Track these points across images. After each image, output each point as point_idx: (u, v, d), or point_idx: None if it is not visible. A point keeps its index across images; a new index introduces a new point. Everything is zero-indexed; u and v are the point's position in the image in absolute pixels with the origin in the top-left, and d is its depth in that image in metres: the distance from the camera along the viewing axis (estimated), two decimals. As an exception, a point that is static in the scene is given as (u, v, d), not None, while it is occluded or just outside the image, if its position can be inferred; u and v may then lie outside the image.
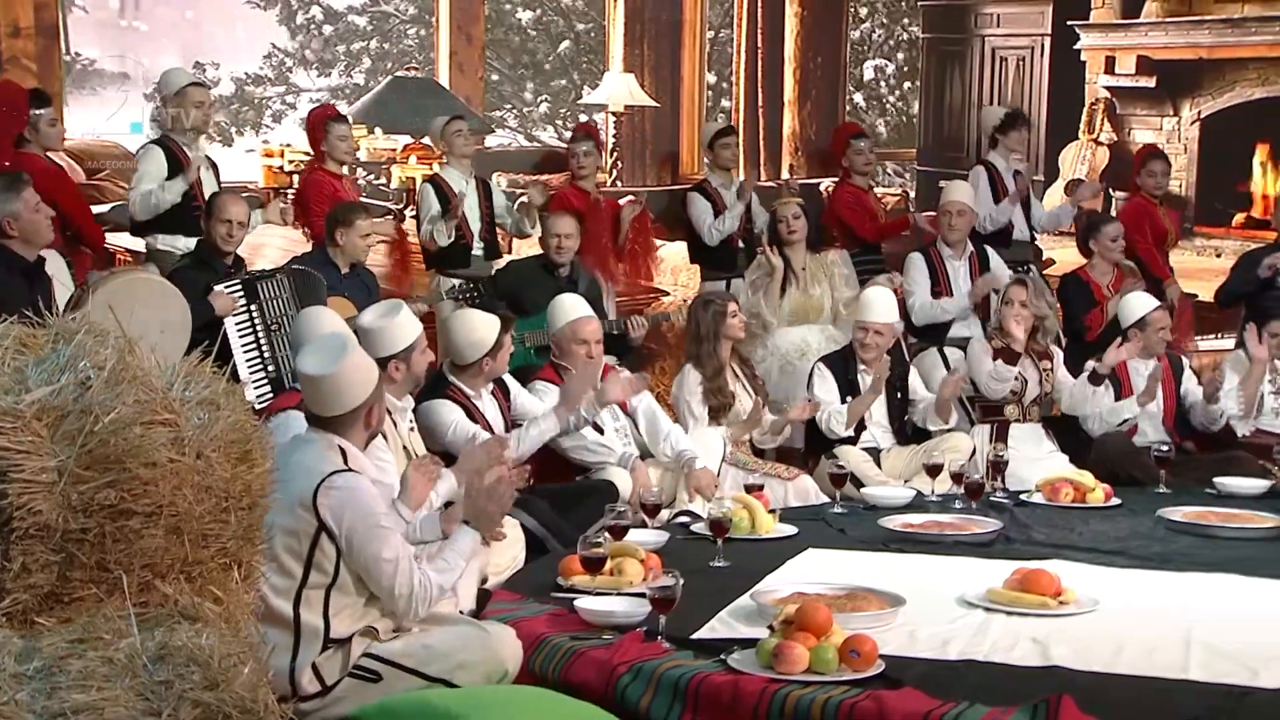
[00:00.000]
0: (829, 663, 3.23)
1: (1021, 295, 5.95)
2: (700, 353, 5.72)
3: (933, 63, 12.87)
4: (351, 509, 3.36)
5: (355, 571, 3.39)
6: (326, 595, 3.39)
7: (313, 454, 3.44)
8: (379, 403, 3.58)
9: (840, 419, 5.73)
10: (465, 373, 5.01)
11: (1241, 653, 3.41)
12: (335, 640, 3.40)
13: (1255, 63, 10.46)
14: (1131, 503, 5.14)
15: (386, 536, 3.39)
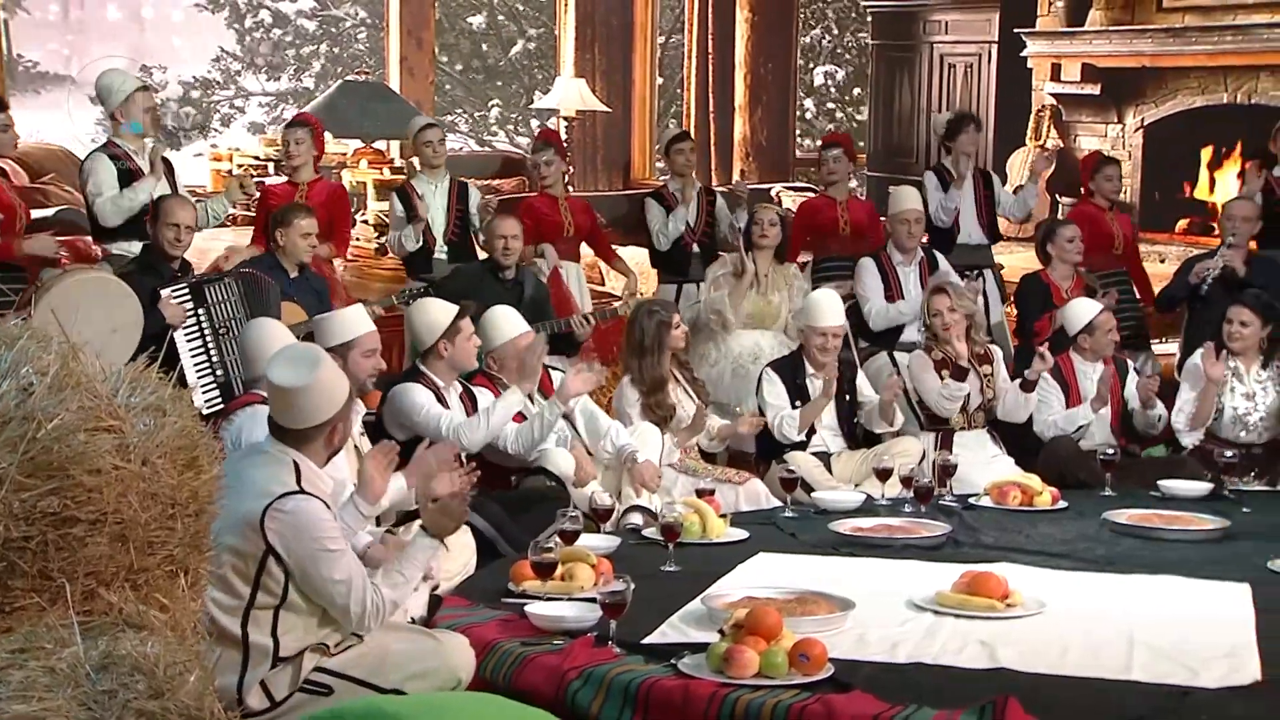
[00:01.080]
0: (779, 667, 3.24)
1: (946, 303, 5.98)
2: (641, 365, 5.68)
3: (882, 69, 12.98)
4: (300, 533, 3.30)
5: (306, 592, 3.37)
6: (275, 614, 3.35)
7: (264, 472, 3.37)
8: (345, 420, 3.52)
9: (792, 424, 5.76)
10: (430, 360, 5.07)
11: (1182, 653, 3.45)
12: (284, 658, 3.37)
13: (1196, 71, 10.63)
14: (1078, 506, 5.18)
15: (336, 559, 3.34)
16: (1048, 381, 6.01)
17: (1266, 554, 4.34)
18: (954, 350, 5.93)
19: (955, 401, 5.89)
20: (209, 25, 15.92)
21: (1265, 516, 4.96)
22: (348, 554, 3.41)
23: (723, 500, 5.12)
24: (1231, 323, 5.92)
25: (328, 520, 3.38)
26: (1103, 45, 11.06)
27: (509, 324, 5.41)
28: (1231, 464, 5.39)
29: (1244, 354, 5.91)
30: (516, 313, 5.51)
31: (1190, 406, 5.91)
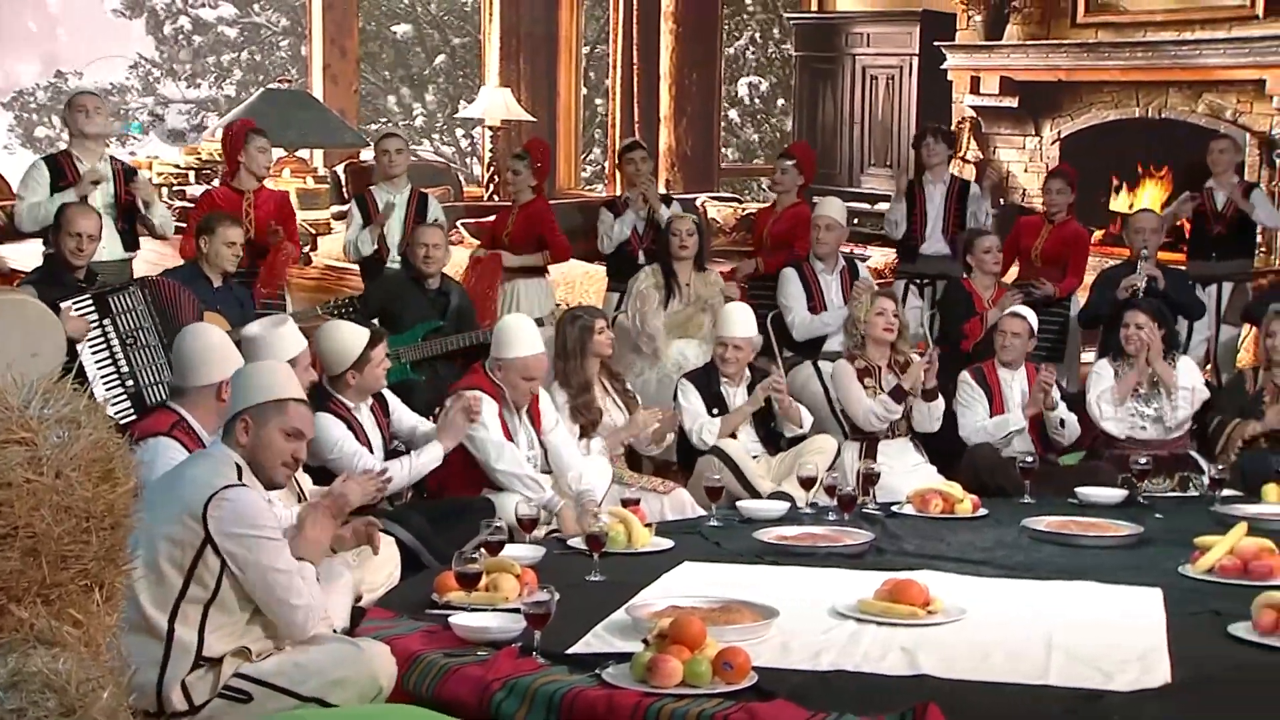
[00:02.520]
0: (702, 675, 3.24)
1: (892, 306, 6.06)
2: (566, 369, 5.70)
3: (805, 80, 13.08)
4: (244, 520, 3.31)
5: (242, 587, 3.34)
6: (205, 611, 3.33)
7: (208, 468, 3.41)
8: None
9: (712, 431, 5.79)
10: (338, 384, 4.97)
11: (1098, 657, 3.50)
12: (206, 659, 3.34)
13: (1109, 86, 10.84)
14: (997, 513, 5.24)
15: (280, 549, 3.35)
16: (971, 386, 6.10)
17: (1178, 559, 4.43)
18: (885, 360, 5.98)
19: (884, 422, 5.94)
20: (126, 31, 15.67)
21: (1176, 522, 5.05)
22: (288, 548, 3.41)
23: (648, 509, 5.12)
24: (1129, 326, 6.06)
25: (269, 512, 3.40)
26: (1020, 59, 11.24)
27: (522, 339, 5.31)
28: (1145, 470, 5.50)
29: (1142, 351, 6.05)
30: (535, 329, 5.42)
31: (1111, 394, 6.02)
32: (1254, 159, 9.99)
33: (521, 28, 12.70)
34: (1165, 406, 6.04)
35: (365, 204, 7.06)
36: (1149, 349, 6.01)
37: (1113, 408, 6.04)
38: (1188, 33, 10.30)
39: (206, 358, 4.22)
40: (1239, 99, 10.12)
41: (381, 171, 7.21)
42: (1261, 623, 3.62)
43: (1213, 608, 3.91)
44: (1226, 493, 5.42)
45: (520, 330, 5.36)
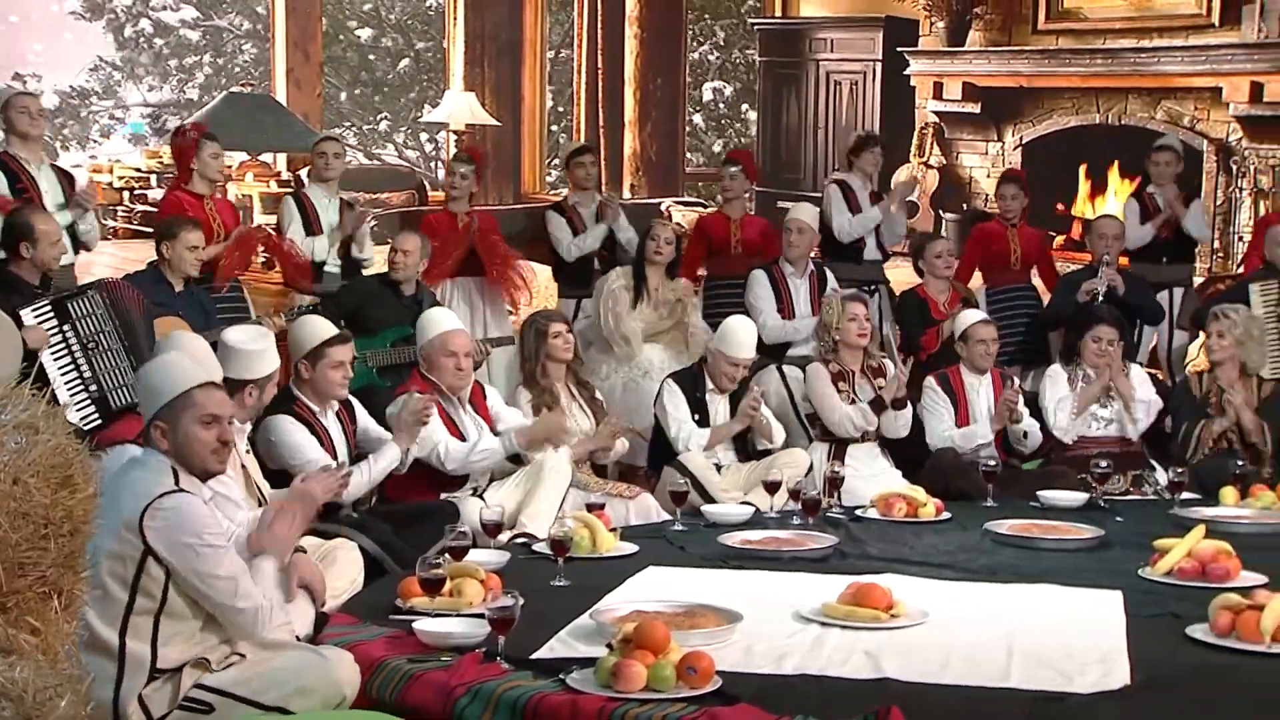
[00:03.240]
0: (666, 680, 3.25)
1: (864, 310, 6.08)
2: (529, 372, 5.74)
3: (769, 86, 13.13)
4: (180, 529, 3.26)
5: (189, 594, 3.30)
6: (155, 621, 3.29)
7: (142, 477, 3.33)
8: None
9: (700, 442, 5.78)
10: (299, 382, 4.96)
11: (1058, 659, 3.52)
12: (162, 670, 3.30)
13: (1069, 92, 10.93)
14: (960, 517, 5.27)
15: (220, 555, 3.30)
16: (936, 393, 6.12)
17: (1137, 561, 4.46)
18: (858, 364, 6.00)
19: (859, 430, 5.96)
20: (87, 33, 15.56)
21: (1136, 525, 5.09)
22: (231, 552, 3.35)
23: (613, 514, 5.13)
24: (1100, 341, 6.10)
25: (208, 517, 3.33)
26: (982, 65, 11.32)
27: (437, 320, 5.41)
28: (1106, 474, 5.54)
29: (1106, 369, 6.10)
30: (450, 311, 5.55)
31: (1070, 404, 6.07)
32: (1212, 165, 10.10)
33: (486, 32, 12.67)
34: (1123, 413, 6.09)
35: (302, 205, 7.03)
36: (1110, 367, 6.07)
37: (1068, 418, 6.08)
38: (1146, 40, 10.40)
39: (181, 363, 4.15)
40: (1196, 106, 10.23)
41: (317, 174, 7.17)
42: (1218, 624, 3.65)
43: (1171, 610, 3.94)
44: (1185, 496, 5.47)
45: (434, 314, 5.50)
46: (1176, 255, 7.62)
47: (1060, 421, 6.09)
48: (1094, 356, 6.11)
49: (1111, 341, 6.11)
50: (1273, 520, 5.10)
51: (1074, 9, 10.83)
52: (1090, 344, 6.12)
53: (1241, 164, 9.80)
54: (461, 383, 5.35)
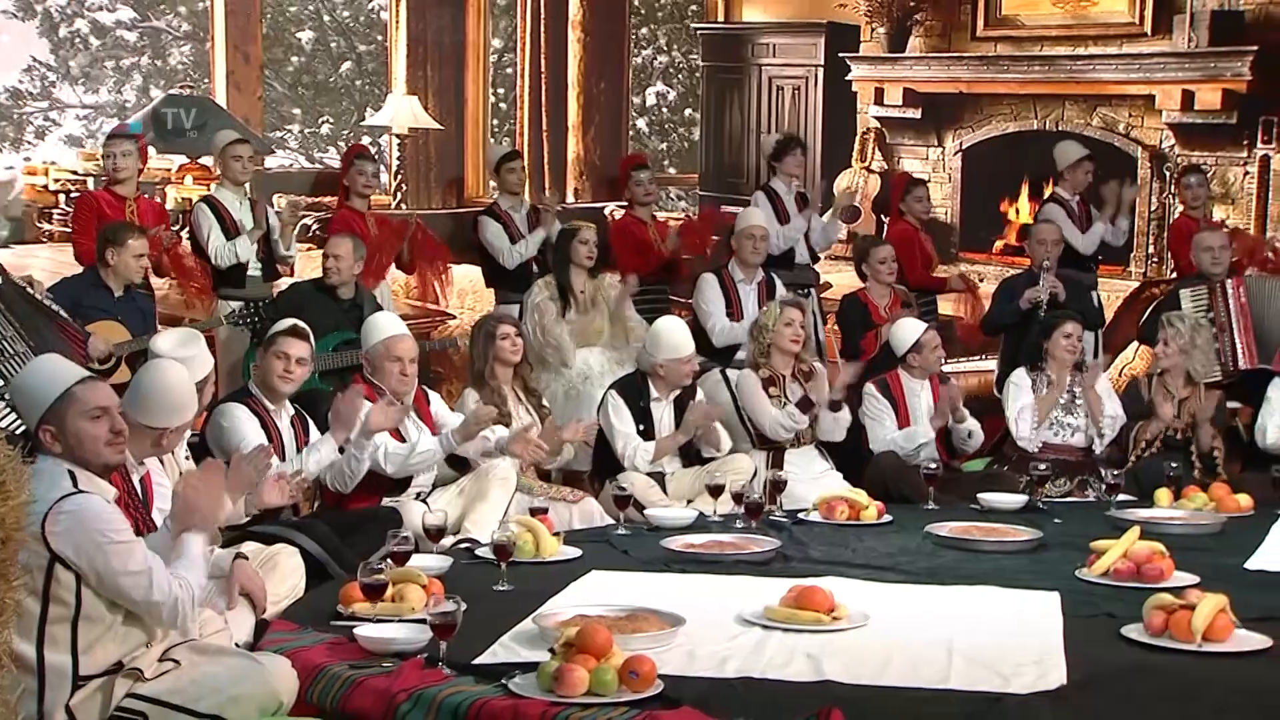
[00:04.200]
0: (608, 684, 3.25)
1: (800, 316, 6.12)
2: (476, 374, 5.78)
3: (712, 90, 13.15)
4: (84, 530, 3.20)
5: (103, 595, 3.24)
6: (73, 628, 3.23)
7: (38, 484, 3.20)
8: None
9: (646, 456, 5.79)
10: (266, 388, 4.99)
11: (996, 661, 3.56)
12: (87, 678, 3.25)
13: (1008, 98, 11.05)
14: (902, 519, 5.32)
15: (129, 550, 3.24)
16: (876, 398, 6.17)
17: (1075, 562, 4.52)
18: (789, 369, 6.04)
19: (791, 432, 5.99)
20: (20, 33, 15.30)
21: (1074, 527, 5.16)
22: (140, 546, 3.29)
23: (556, 518, 5.13)
24: (1070, 337, 6.19)
25: (112, 514, 3.28)
26: (922, 71, 11.41)
27: (383, 325, 5.42)
28: (1045, 476, 5.61)
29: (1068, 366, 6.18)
30: (396, 316, 5.57)
31: (1030, 413, 6.13)
32: (1146, 171, 10.24)
33: (429, 35, 12.61)
34: (1090, 425, 6.17)
35: (216, 209, 6.99)
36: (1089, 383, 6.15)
37: (1030, 426, 6.14)
38: (1081, 48, 10.53)
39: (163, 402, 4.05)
40: (1131, 113, 10.38)
41: (232, 177, 7.13)
42: (1152, 624, 3.71)
43: (1107, 610, 4.00)
44: (1122, 497, 5.56)
45: (379, 318, 5.52)
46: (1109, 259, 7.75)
47: (1022, 431, 6.15)
48: (1066, 353, 6.19)
49: (1081, 336, 6.22)
50: (1205, 521, 5.19)
51: (1011, 16, 10.94)
52: (1061, 341, 6.19)
53: (1174, 170, 9.96)
54: (405, 388, 5.34)
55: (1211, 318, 6.71)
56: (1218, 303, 6.78)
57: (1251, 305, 6.76)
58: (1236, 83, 9.67)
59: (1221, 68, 9.74)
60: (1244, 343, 6.73)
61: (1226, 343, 6.69)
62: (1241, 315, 6.74)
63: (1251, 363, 6.70)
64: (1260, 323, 6.75)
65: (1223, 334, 6.68)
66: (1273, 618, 3.88)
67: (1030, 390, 6.21)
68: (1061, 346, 6.18)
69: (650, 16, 15.45)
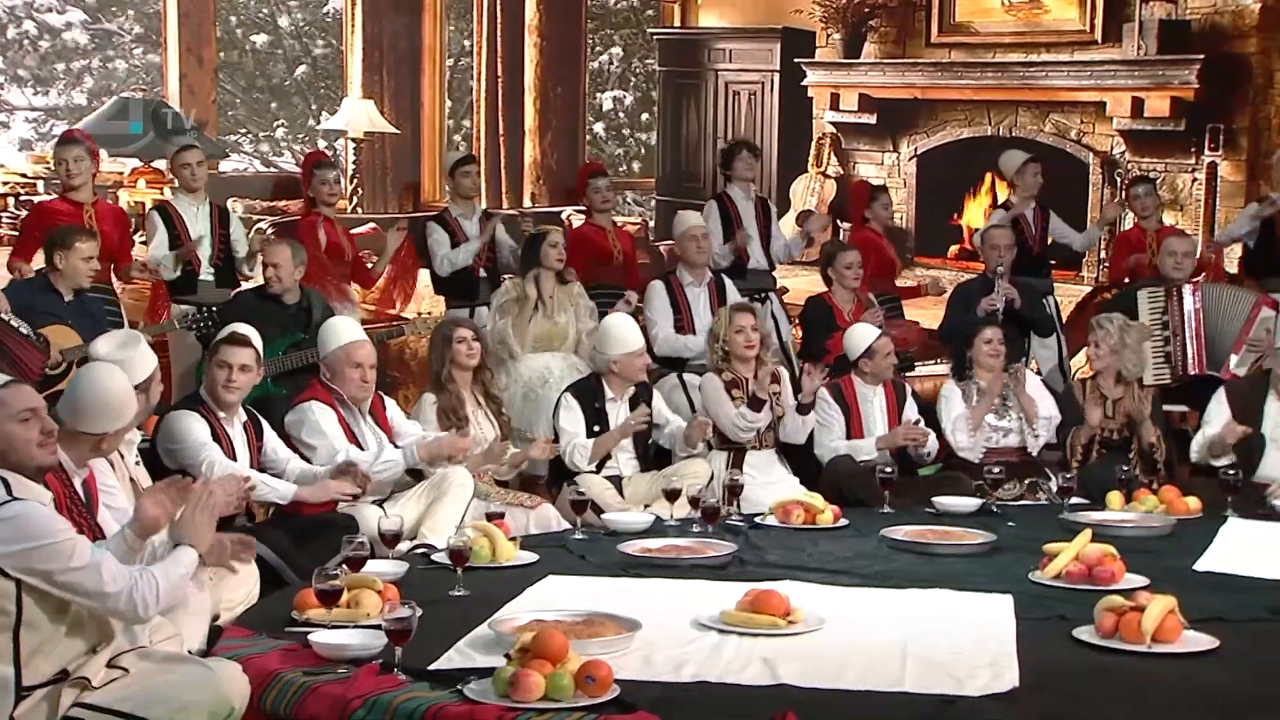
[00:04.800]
0: (564, 689, 3.25)
1: (750, 321, 6.14)
2: (435, 377, 5.78)
3: (669, 95, 13.19)
4: (24, 537, 3.15)
5: (46, 600, 3.19)
6: (15, 637, 3.18)
7: None
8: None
9: (584, 453, 5.79)
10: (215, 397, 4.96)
11: (950, 663, 3.59)
12: (31, 687, 3.21)
13: (962, 104, 11.14)
14: (857, 523, 5.33)
15: (72, 547, 3.19)
16: (828, 404, 6.19)
17: (1027, 565, 4.56)
18: (751, 372, 6.06)
19: (749, 431, 6.02)
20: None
21: (1027, 530, 5.19)
22: (83, 541, 3.25)
23: (513, 524, 5.13)
24: (990, 342, 6.26)
25: (49, 517, 3.24)
26: (877, 77, 11.49)
27: (341, 331, 5.40)
28: (999, 480, 5.66)
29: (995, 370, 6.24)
30: (354, 321, 5.56)
31: (965, 422, 6.19)
32: (1097, 177, 10.36)
33: (384, 39, 12.58)
34: (1024, 426, 6.22)
35: (168, 216, 6.96)
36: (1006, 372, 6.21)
37: (967, 436, 6.19)
38: (1034, 55, 10.64)
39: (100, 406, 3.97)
40: (1082, 119, 10.49)
41: (184, 184, 7.09)
42: (1103, 626, 3.75)
43: (1059, 612, 4.03)
44: (1074, 501, 5.61)
45: (337, 324, 5.50)
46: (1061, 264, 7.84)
47: (961, 442, 6.19)
48: (988, 358, 6.25)
49: (1001, 340, 6.27)
50: (1155, 524, 5.25)
51: (965, 23, 11.04)
52: (982, 347, 6.26)
53: (1125, 176, 10.07)
54: (365, 394, 5.33)
55: (1165, 321, 6.78)
56: (1173, 307, 6.86)
57: (1206, 312, 6.84)
58: (1184, 90, 9.80)
59: (1169, 76, 9.86)
60: (1195, 349, 6.81)
61: (1178, 347, 6.76)
62: (1195, 321, 6.82)
63: (1200, 370, 6.79)
64: (1214, 330, 6.84)
65: (1175, 338, 6.75)
66: (1220, 619, 3.94)
67: (960, 400, 6.25)
68: (984, 353, 6.25)
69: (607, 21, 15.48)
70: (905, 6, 11.27)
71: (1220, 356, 6.76)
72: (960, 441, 6.18)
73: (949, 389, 6.37)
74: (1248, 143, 9.67)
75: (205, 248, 6.93)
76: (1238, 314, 6.84)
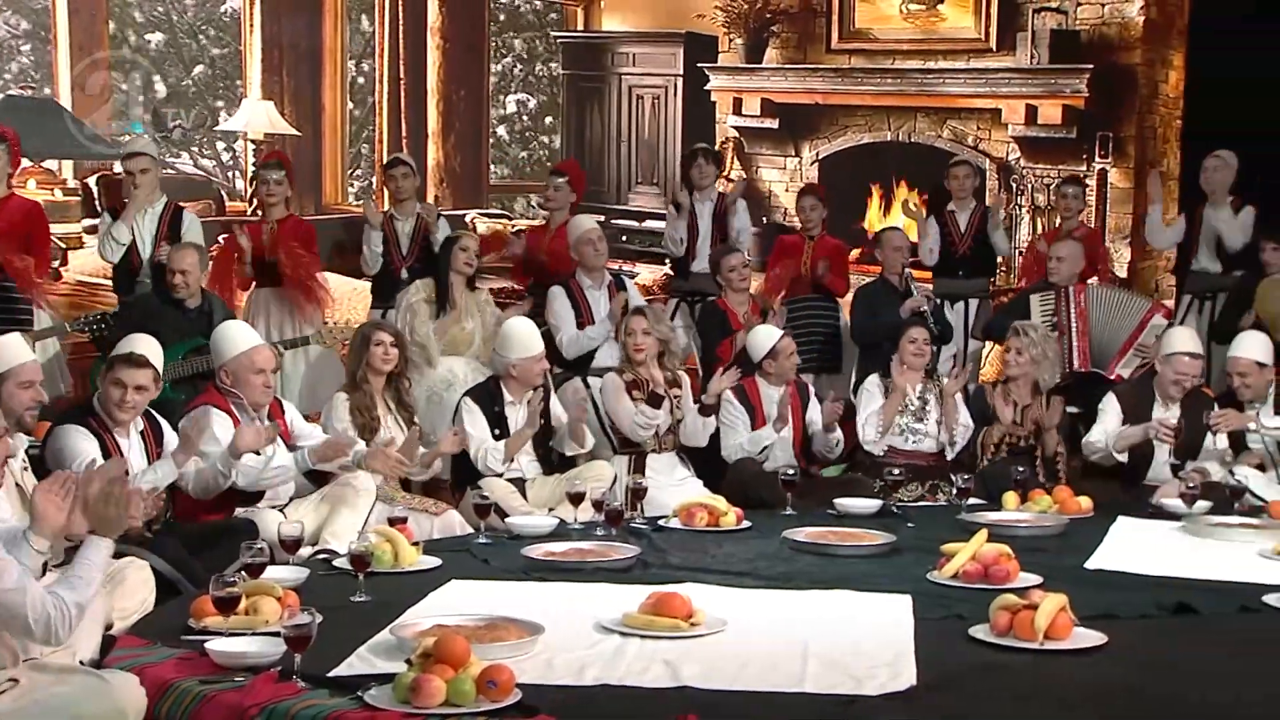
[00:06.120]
0: (466, 694, 3.24)
1: (642, 324, 6.16)
2: (351, 376, 5.76)
3: (572, 99, 13.19)
4: None
5: None
6: None
7: None
8: None
9: (497, 456, 5.77)
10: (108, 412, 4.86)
11: (850, 663, 3.62)
12: None
13: (862, 110, 11.29)
14: (760, 525, 5.37)
15: (2, 568, 3.17)
16: (733, 405, 6.24)
17: (926, 565, 4.62)
18: (647, 373, 6.09)
19: (648, 429, 6.04)
20: None
21: (926, 530, 5.27)
22: (13, 563, 3.21)
23: (417, 529, 5.10)
24: (915, 341, 6.36)
25: None
26: (779, 82, 11.59)
27: (239, 337, 5.32)
28: (899, 481, 5.74)
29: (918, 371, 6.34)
30: (248, 326, 5.52)
31: (876, 418, 6.28)
32: (994, 183, 10.55)
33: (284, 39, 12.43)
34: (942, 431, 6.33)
35: (114, 207, 6.87)
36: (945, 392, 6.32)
37: (876, 431, 6.28)
38: (932, 62, 10.81)
39: None
40: (979, 126, 10.69)
41: (128, 190, 6.99)
42: (997, 624, 3.82)
43: (956, 611, 4.10)
44: (971, 501, 5.70)
45: (234, 330, 5.45)
46: (976, 268, 7.98)
47: (868, 435, 6.28)
48: (913, 357, 6.36)
49: (926, 341, 6.39)
50: (1048, 523, 5.36)
51: (865, 30, 11.17)
52: (908, 346, 6.36)
53: (1020, 182, 10.28)
54: (266, 399, 5.29)
55: (1055, 322, 6.94)
56: (1060, 308, 7.04)
57: (1090, 312, 7.02)
58: (1075, 99, 10.03)
59: (1061, 84, 10.10)
60: (1080, 347, 7.00)
61: (1065, 345, 6.95)
62: (1080, 320, 7.01)
63: (1085, 366, 6.99)
64: (1100, 330, 7.03)
65: (1063, 337, 6.93)
66: (1109, 615, 4.03)
67: (881, 396, 6.36)
68: (909, 351, 6.36)
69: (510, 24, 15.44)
70: (806, 13, 11.39)
71: (1105, 354, 6.97)
72: (867, 435, 6.29)
73: (871, 384, 6.45)
74: (1135, 150, 9.94)
75: (145, 248, 6.81)
76: (1127, 317, 7.04)
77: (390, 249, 7.41)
